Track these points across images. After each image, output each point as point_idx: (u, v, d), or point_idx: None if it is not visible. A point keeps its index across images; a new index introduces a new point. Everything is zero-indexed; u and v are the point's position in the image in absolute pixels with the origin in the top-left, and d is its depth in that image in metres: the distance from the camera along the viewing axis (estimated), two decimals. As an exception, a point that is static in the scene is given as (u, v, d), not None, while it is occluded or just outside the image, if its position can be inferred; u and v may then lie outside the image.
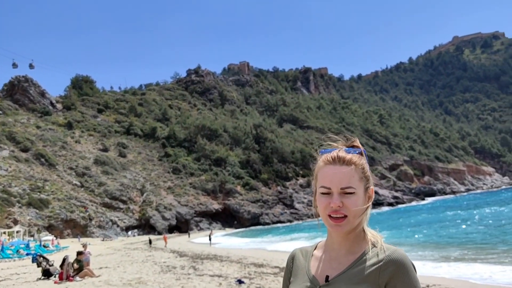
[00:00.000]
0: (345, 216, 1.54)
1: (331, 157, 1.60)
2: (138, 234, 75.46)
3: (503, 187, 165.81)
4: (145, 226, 79.71)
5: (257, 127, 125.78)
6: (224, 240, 54.23)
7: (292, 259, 1.80)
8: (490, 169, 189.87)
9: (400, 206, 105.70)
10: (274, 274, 14.86)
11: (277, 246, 37.80)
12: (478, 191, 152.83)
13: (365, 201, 1.59)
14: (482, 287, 11.05)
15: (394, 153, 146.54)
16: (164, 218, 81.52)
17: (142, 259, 24.36)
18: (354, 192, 1.55)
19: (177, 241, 51.45)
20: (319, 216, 1.64)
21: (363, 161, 1.62)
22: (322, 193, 1.58)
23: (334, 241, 1.65)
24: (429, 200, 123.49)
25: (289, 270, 1.77)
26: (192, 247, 37.51)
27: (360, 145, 1.67)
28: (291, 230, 62.52)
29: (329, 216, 1.56)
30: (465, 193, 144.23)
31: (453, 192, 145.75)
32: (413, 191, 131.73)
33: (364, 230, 1.65)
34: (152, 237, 58.12)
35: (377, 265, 1.52)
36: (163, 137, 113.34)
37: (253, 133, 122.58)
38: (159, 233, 74.53)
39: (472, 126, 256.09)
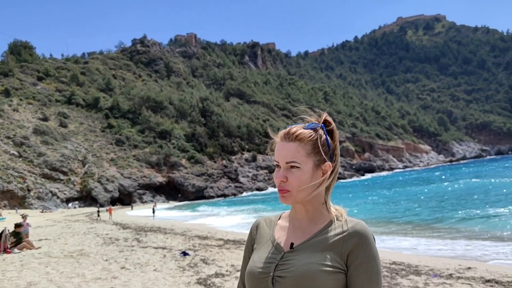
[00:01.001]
0: (288, 191, 1.59)
1: (283, 133, 1.64)
2: (79, 206, 73.90)
3: (439, 165, 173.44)
4: (87, 198, 78.04)
5: (204, 101, 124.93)
6: (168, 213, 54.05)
7: (256, 227, 1.80)
8: (427, 147, 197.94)
9: (341, 181, 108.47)
10: (219, 246, 15.05)
11: (221, 219, 38.13)
12: (415, 168, 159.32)
13: (314, 176, 1.60)
14: (423, 258, 11.69)
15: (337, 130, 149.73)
16: (106, 190, 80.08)
17: (83, 231, 23.98)
18: (299, 167, 1.57)
19: (120, 213, 50.82)
20: None
21: (316, 136, 1.62)
22: (275, 166, 1.64)
23: (297, 212, 1.69)
24: (368, 176, 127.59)
25: (252, 238, 1.79)
26: (136, 220, 37.19)
27: (324, 120, 1.67)
28: (235, 203, 63.13)
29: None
30: (402, 170, 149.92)
31: (391, 169, 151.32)
32: (353, 167, 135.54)
33: (326, 205, 1.68)
34: (94, 209, 57.01)
35: (341, 235, 1.56)
36: (107, 107, 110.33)
37: (199, 106, 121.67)
38: (101, 205, 73.21)
39: (412, 106, 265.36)
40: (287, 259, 1.58)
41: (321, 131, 1.64)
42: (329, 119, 1.68)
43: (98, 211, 42.71)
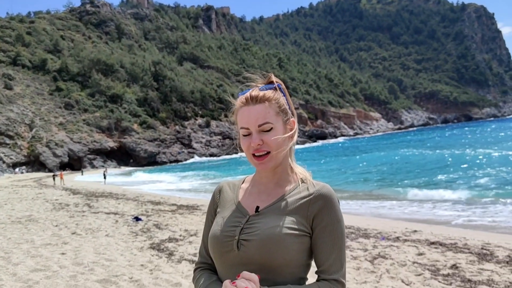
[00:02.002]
0: (268, 153, 1.56)
1: (245, 97, 1.60)
2: (27, 172, 71.80)
3: (389, 132, 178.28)
4: (35, 163, 75.79)
5: (156, 64, 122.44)
6: (119, 178, 53.34)
7: (219, 191, 1.78)
8: (377, 115, 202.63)
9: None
10: (172, 211, 15.02)
11: (174, 184, 38.04)
12: (365, 135, 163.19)
13: (286, 134, 1.60)
14: (372, 221, 12.06)
15: (290, 97, 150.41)
16: (55, 155, 77.96)
17: (32, 196, 23.38)
18: (272, 128, 1.56)
19: (70, 178, 49.72)
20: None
21: (278, 95, 1.62)
22: (244, 135, 1.59)
23: (263, 177, 1.67)
24: (319, 142, 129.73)
25: (215, 202, 1.76)
26: (86, 185, 36.51)
27: (275, 80, 1.66)
28: (188, 169, 62.96)
29: (253, 155, 1.58)
30: (353, 137, 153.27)
31: (342, 135, 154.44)
32: (306, 133, 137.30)
33: (291, 166, 1.67)
34: (43, 174, 55.61)
35: (306, 198, 1.56)
36: (55, 70, 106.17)
37: (151, 70, 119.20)
38: (50, 170, 71.40)
39: (364, 74, 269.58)
40: (253, 223, 1.56)
41: (278, 89, 1.64)
42: (278, 79, 1.68)
43: (54, 176, 41.27)
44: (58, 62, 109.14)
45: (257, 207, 1.61)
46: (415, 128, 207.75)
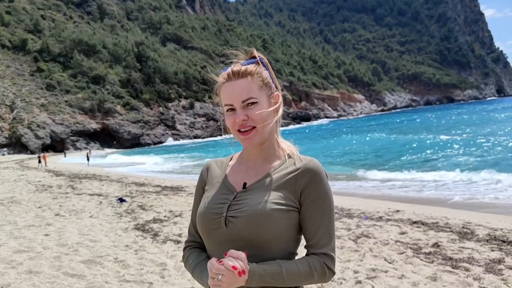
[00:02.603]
0: (253, 127, 1.54)
1: (227, 73, 1.58)
2: (9, 153, 70.93)
3: (372, 113, 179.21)
4: (16, 145, 74.84)
5: (139, 45, 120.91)
6: (103, 160, 53.01)
7: (206, 169, 1.76)
8: (360, 96, 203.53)
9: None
10: (156, 192, 15.00)
11: (158, 166, 37.92)
12: (349, 117, 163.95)
13: (270, 108, 1.58)
14: (355, 202, 12.19)
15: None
16: (37, 136, 77.02)
17: (14, 178, 23.16)
18: (256, 102, 1.54)
19: (53, 160, 49.20)
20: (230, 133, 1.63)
21: (260, 69, 1.60)
22: (228, 111, 1.57)
23: (250, 153, 1.66)
24: (304, 124, 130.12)
25: (203, 180, 1.75)
26: (69, 167, 36.23)
27: (257, 55, 1.63)
28: (171, 151, 62.75)
29: (239, 131, 1.56)
30: (337, 119, 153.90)
31: (326, 117, 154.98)
32: (290, 115, 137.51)
33: (278, 141, 1.66)
34: (25, 156, 54.98)
35: (294, 173, 1.55)
36: (35, 50, 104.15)
37: (134, 51, 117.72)
38: (32, 152, 70.65)
39: (348, 56, 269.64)
40: (240, 199, 1.55)
41: (261, 65, 1.62)
42: (260, 54, 1.65)
43: (39, 157, 40.40)
44: (38, 42, 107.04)
45: (245, 184, 1.60)
46: (398, 110, 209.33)
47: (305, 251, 1.57)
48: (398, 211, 10.17)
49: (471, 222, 8.46)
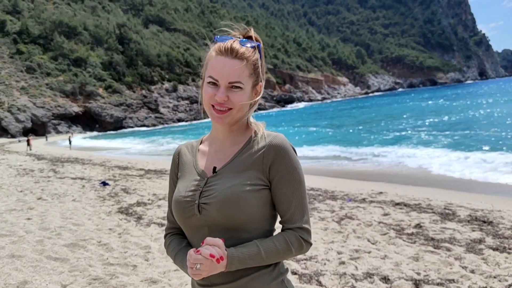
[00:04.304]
0: (230, 109, 1.54)
1: (224, 47, 1.54)
2: (-12, 137, 69.91)
3: (356, 96, 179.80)
4: (-4, 129, 73.81)
5: (121, 27, 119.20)
6: (85, 143, 52.54)
7: (177, 155, 1.77)
8: (344, 79, 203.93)
9: (260, 112, 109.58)
10: (140, 176, 14.93)
11: (141, 148, 37.73)
12: (333, 99, 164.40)
13: (251, 97, 1.58)
14: (338, 183, 12.27)
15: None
16: (18, 120, 75.91)
17: (-6, 162, 22.85)
18: (241, 88, 1.53)
19: (34, 144, 48.61)
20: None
21: (256, 56, 1.57)
22: (209, 83, 1.55)
23: (219, 133, 1.65)
24: (288, 107, 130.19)
25: (176, 166, 1.76)
26: (51, 150, 35.84)
27: (256, 37, 1.60)
28: (154, 134, 62.47)
29: (213, 106, 1.55)
30: (320, 102, 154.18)
31: (310, 100, 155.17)
32: (274, 98, 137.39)
33: (247, 123, 1.66)
34: (5, 140, 54.14)
35: (260, 152, 1.55)
36: (14, 32, 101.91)
37: (116, 33, 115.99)
38: (13, 136, 69.72)
39: (332, 38, 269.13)
40: (211, 185, 1.56)
41: (257, 50, 1.59)
42: (257, 36, 1.62)
43: (28, 140, 39.11)
44: (18, 24, 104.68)
45: (214, 168, 1.60)
46: (381, 93, 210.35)
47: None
48: (381, 193, 10.27)
49: (452, 203, 8.59)
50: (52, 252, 5.72)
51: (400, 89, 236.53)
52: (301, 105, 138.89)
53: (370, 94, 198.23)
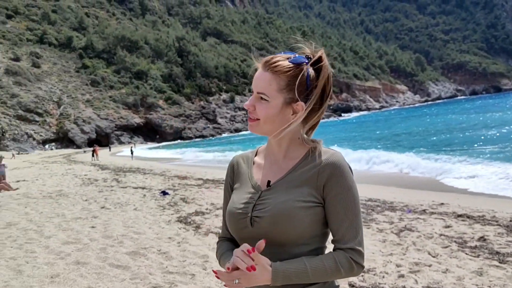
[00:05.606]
0: (257, 119, 1.56)
1: (264, 60, 1.57)
2: (56, 148, 73.33)
3: (416, 105, 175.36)
4: (63, 140, 77.35)
5: (180, 40, 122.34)
6: (146, 153, 53.99)
7: (233, 166, 1.77)
8: (403, 87, 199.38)
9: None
10: (198, 185, 15.16)
11: (199, 158, 38.33)
12: (391, 108, 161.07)
13: (283, 113, 1.55)
14: (398, 194, 12.02)
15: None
16: (83, 131, 79.33)
17: (61, 172, 23.87)
18: (267, 100, 1.53)
19: (100, 154, 50.57)
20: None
21: (297, 73, 1.52)
22: (252, 92, 1.60)
23: (273, 146, 1.65)
24: (345, 116, 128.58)
25: (231, 177, 1.76)
26: (114, 160, 37.10)
27: (321, 57, 1.58)
28: (213, 144, 63.36)
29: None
30: (379, 110, 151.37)
31: (368, 109, 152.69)
32: (331, 107, 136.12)
33: (301, 139, 1.62)
34: (72, 150, 56.55)
35: (315, 169, 1.53)
36: (80, 47, 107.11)
37: (175, 46, 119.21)
38: (78, 147, 72.84)
39: (390, 46, 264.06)
40: (264, 198, 1.56)
41: (305, 68, 1.54)
42: (323, 56, 1.58)
43: (94, 151, 40.46)
44: (83, 40, 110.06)
45: (268, 182, 1.60)
46: (442, 101, 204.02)
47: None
48: (442, 204, 9.94)
49: (519, 216, 8.19)
50: (115, 259, 5.92)
51: (463, 97, 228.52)
52: (355, 114, 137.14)
53: (430, 102, 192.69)
